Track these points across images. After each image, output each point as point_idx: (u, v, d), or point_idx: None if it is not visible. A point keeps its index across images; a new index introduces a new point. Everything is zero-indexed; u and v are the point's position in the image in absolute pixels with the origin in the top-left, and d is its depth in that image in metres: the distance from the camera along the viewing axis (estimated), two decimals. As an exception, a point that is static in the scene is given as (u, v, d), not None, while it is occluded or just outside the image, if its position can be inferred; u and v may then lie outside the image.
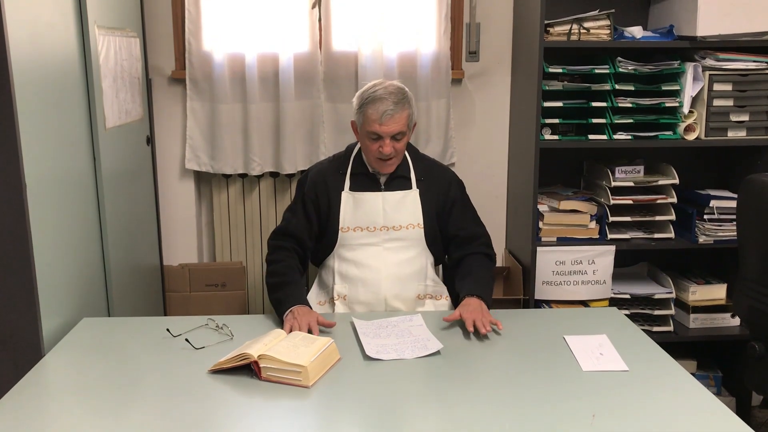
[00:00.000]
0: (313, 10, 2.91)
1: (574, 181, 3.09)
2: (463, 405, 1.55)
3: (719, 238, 2.79)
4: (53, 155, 1.93)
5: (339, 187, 2.19)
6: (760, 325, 2.26)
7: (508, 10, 3.05)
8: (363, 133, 2.11)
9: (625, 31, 2.75)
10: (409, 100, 2.10)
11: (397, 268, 2.17)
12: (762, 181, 2.23)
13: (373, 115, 2.04)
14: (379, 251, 2.17)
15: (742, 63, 2.69)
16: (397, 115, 2.05)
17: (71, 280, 2.04)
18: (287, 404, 1.56)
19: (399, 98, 2.06)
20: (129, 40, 2.57)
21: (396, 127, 2.06)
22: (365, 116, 2.07)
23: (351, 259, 2.19)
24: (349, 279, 2.19)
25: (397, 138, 2.07)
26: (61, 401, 1.57)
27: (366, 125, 2.07)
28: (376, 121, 2.04)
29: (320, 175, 2.23)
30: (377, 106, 2.04)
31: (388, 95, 2.06)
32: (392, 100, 2.05)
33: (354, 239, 2.18)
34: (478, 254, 2.22)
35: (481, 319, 1.91)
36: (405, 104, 2.08)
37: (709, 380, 2.98)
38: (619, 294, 2.84)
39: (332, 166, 2.25)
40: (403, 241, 2.19)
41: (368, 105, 2.06)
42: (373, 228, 2.17)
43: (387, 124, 2.04)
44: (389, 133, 2.05)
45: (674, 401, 1.58)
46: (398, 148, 2.09)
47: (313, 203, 2.21)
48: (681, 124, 2.74)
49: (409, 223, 2.18)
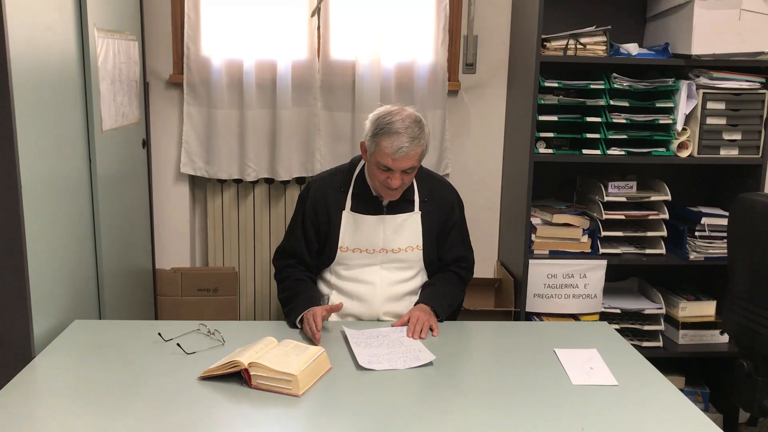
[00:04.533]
0: (312, 18, 2.93)
1: (567, 195, 3.11)
2: (453, 416, 1.56)
3: (710, 255, 2.81)
4: (49, 156, 1.93)
5: (340, 205, 2.16)
6: (749, 343, 2.28)
7: (506, 24, 3.07)
8: (373, 161, 2.05)
9: (621, 47, 2.78)
10: (425, 135, 2.04)
11: (393, 286, 2.18)
12: (753, 200, 2.25)
13: (387, 149, 1.98)
14: (376, 270, 2.18)
15: (736, 82, 2.72)
16: (412, 153, 1.99)
17: (64, 281, 2.04)
18: (277, 412, 1.56)
19: (415, 134, 2.00)
20: (128, 43, 2.57)
21: (408, 164, 2.01)
22: (378, 147, 2.00)
23: (348, 276, 2.20)
24: (345, 293, 2.19)
25: (407, 172, 2.03)
26: (50, 403, 1.57)
27: (378, 156, 2.01)
28: (389, 155, 1.98)
29: (321, 191, 2.19)
30: (393, 140, 1.97)
31: (405, 130, 1.98)
32: (409, 136, 1.98)
33: (352, 259, 2.18)
34: (452, 272, 2.26)
35: (422, 322, 1.98)
36: (420, 140, 2.01)
37: (697, 396, 2.99)
38: (610, 308, 2.86)
39: (335, 181, 2.20)
40: (402, 263, 2.19)
41: (383, 136, 1.99)
42: (372, 250, 2.16)
43: (399, 161, 1.98)
44: (400, 168, 2.00)
45: (663, 417, 1.59)
46: (406, 181, 2.06)
47: (312, 222, 2.18)
48: (674, 141, 2.77)
49: (408, 246, 2.18)
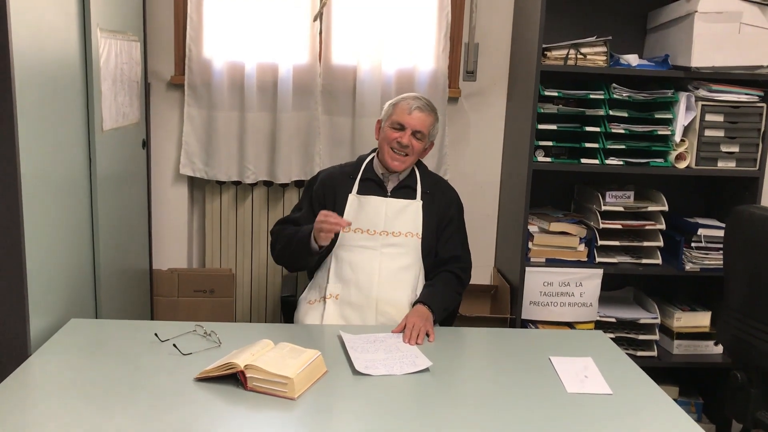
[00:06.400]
0: (314, 22, 2.94)
1: (565, 203, 3.12)
2: (446, 421, 1.56)
3: (705, 267, 2.83)
4: (49, 155, 1.93)
5: (347, 190, 2.30)
6: (743, 355, 2.29)
7: (507, 32, 3.08)
8: (387, 125, 2.26)
9: (621, 58, 2.79)
10: (437, 114, 2.31)
11: (391, 273, 2.21)
12: (750, 212, 2.26)
13: (404, 106, 2.24)
14: (375, 255, 2.22)
15: (734, 95, 2.73)
16: (424, 115, 2.24)
17: (61, 279, 2.04)
18: (272, 415, 1.56)
19: (429, 105, 2.28)
20: (130, 43, 2.58)
21: (420, 124, 2.22)
22: (396, 108, 2.26)
23: (347, 260, 2.22)
24: (344, 280, 2.22)
25: (416, 136, 2.23)
26: (45, 401, 1.57)
27: (394, 115, 2.25)
28: (405, 111, 2.23)
29: (330, 177, 2.35)
30: (410, 102, 2.25)
31: (421, 98, 2.28)
32: (424, 102, 2.27)
33: (353, 240, 2.23)
34: (450, 273, 2.29)
35: (418, 328, 2.00)
36: (433, 113, 2.28)
37: (691, 407, 3.00)
38: (605, 317, 2.86)
39: (343, 171, 2.36)
40: (400, 248, 2.23)
41: (402, 101, 2.27)
42: (373, 231, 2.23)
43: (413, 117, 2.22)
44: (413, 126, 2.22)
45: (656, 426, 1.60)
46: (414, 145, 2.23)
47: (320, 201, 2.30)
48: (672, 152, 2.78)
49: (408, 232, 2.25)
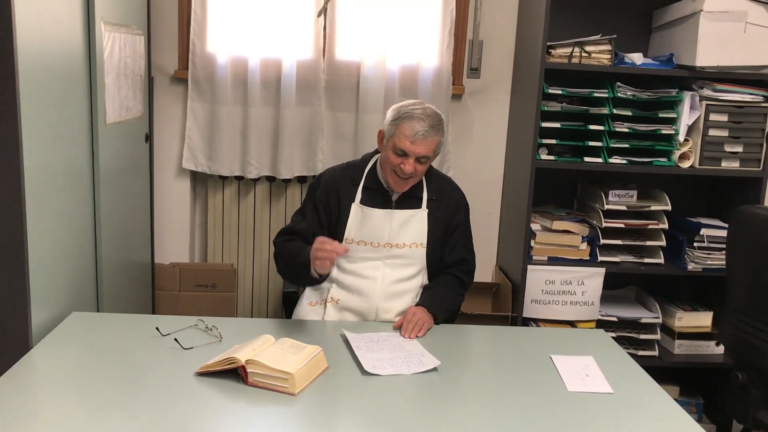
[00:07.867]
0: (318, 18, 2.93)
1: (568, 201, 3.11)
2: (446, 419, 1.56)
3: (708, 267, 2.82)
4: (52, 147, 1.93)
5: (350, 197, 2.19)
6: (744, 355, 2.28)
7: (511, 30, 3.08)
8: (389, 146, 2.09)
9: (626, 56, 2.79)
10: (443, 129, 2.11)
11: (394, 283, 2.18)
12: (753, 212, 2.26)
13: (407, 131, 2.03)
14: (378, 265, 2.18)
15: (739, 95, 2.73)
16: (429, 139, 2.05)
17: (63, 272, 2.04)
18: (272, 410, 1.56)
19: (435, 123, 2.06)
20: (134, 37, 2.58)
21: (424, 150, 2.05)
22: (398, 130, 2.05)
23: (350, 270, 2.19)
24: (345, 286, 2.19)
25: (420, 161, 2.07)
26: (47, 394, 1.57)
27: (396, 139, 2.06)
28: (407, 138, 2.03)
29: (333, 182, 2.22)
30: (413, 124, 2.03)
31: (426, 117, 2.05)
32: (429, 123, 2.04)
33: (356, 252, 2.18)
34: (452, 275, 2.25)
35: (417, 319, 2.02)
36: (439, 131, 2.07)
37: (691, 407, 3.00)
38: (607, 316, 2.86)
39: (346, 175, 2.23)
40: (405, 259, 2.19)
41: (404, 120, 2.05)
42: (377, 244, 2.17)
43: (417, 145, 2.03)
44: (416, 154, 2.04)
45: (657, 426, 1.59)
46: (419, 170, 2.09)
47: (324, 208, 2.20)
48: (676, 152, 2.78)
49: (413, 242, 2.18)
